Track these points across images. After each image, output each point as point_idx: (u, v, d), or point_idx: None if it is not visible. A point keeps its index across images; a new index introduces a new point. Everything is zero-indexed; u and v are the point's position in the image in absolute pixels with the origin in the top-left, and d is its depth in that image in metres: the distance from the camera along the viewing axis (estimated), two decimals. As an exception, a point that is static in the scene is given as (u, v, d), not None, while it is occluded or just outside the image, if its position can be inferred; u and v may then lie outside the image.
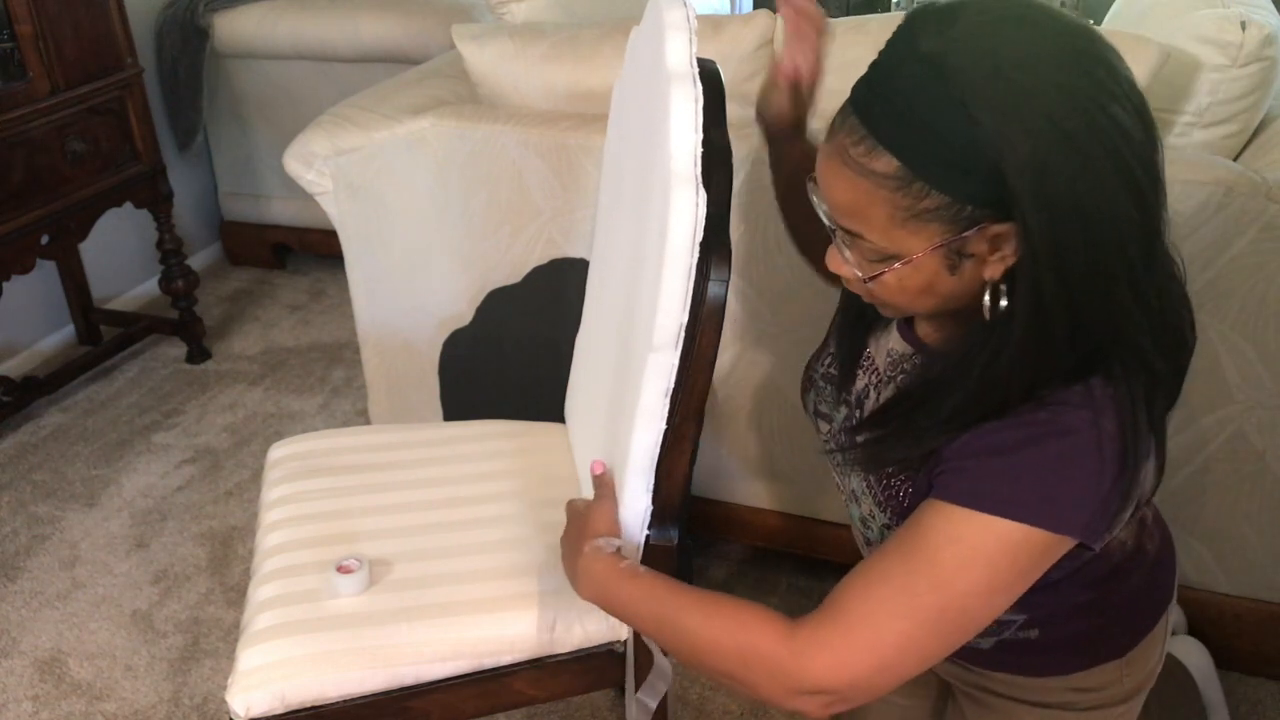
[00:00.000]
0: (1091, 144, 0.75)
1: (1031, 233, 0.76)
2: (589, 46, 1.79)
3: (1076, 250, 0.77)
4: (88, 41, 2.39)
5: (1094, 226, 0.76)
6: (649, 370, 1.03)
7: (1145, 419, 0.83)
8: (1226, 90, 1.52)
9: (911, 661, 0.84)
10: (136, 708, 1.77)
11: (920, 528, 0.84)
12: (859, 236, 0.84)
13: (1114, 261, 0.78)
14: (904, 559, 0.84)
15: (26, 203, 2.29)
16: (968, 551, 0.81)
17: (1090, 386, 0.81)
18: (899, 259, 0.83)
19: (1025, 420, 0.82)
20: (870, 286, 0.88)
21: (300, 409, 2.59)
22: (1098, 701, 1.09)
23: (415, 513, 1.37)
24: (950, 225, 0.80)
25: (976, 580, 0.82)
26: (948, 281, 0.84)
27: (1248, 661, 1.69)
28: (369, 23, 2.86)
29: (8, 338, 2.76)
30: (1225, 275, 1.44)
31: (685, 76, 0.99)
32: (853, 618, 0.84)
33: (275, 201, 3.22)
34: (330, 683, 1.17)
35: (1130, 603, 1.06)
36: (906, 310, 0.91)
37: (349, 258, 1.96)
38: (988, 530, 0.81)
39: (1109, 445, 0.80)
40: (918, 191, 0.78)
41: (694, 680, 1.77)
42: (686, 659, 0.93)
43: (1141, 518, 1.06)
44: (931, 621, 0.82)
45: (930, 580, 0.82)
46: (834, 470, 1.08)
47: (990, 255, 0.81)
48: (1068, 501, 0.81)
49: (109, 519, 2.22)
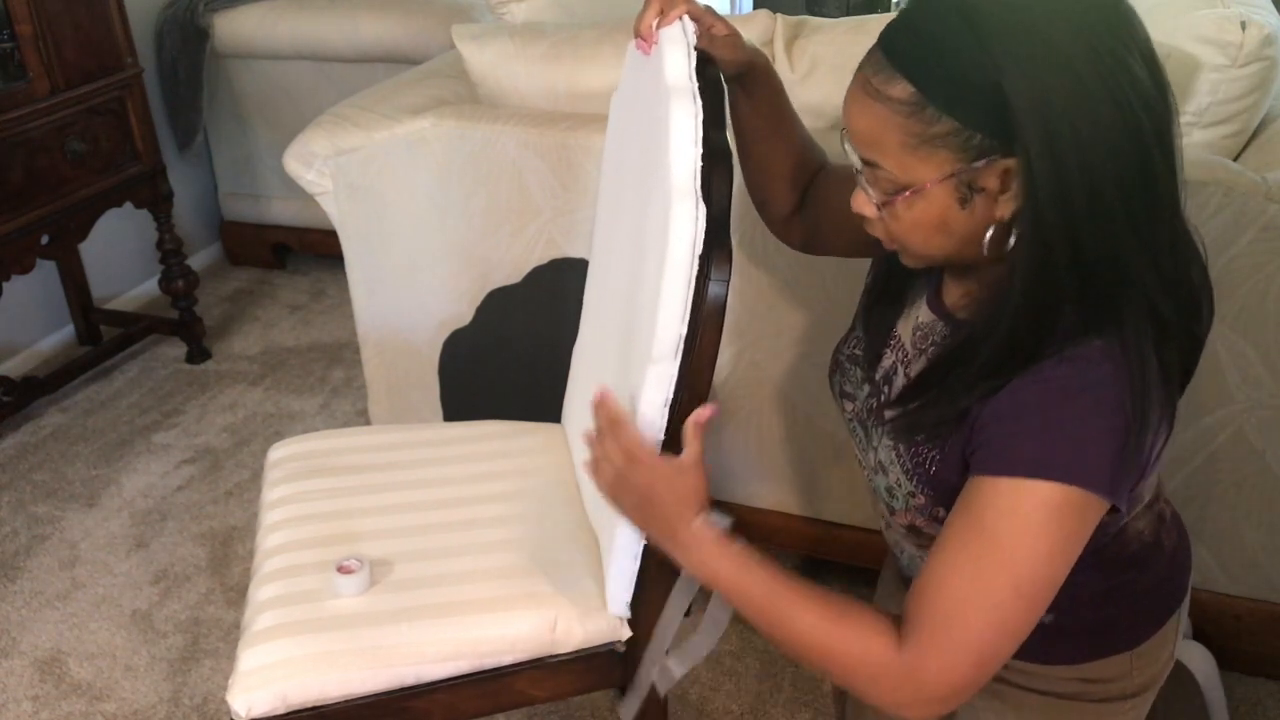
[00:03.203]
0: (1099, 87, 0.79)
1: (1033, 164, 0.80)
2: (589, 46, 1.79)
3: (1077, 188, 0.80)
4: (88, 41, 2.39)
5: (1095, 166, 0.79)
6: (648, 382, 1.04)
7: (1157, 372, 0.85)
8: (1226, 90, 1.52)
9: (1007, 644, 0.87)
10: (136, 708, 1.77)
11: (969, 509, 0.87)
12: (877, 167, 0.88)
13: (1115, 204, 0.81)
14: (964, 545, 0.86)
15: (26, 203, 2.29)
16: (1020, 522, 0.84)
17: (1108, 340, 0.84)
18: (915, 190, 0.86)
19: (1048, 376, 0.84)
20: (888, 222, 0.91)
21: (300, 409, 2.59)
22: (1105, 694, 1.10)
23: (416, 513, 1.37)
24: (960, 154, 0.83)
25: (1035, 549, 0.84)
26: (960, 217, 0.87)
27: (1248, 661, 1.69)
28: (369, 23, 2.87)
29: (8, 338, 2.76)
30: (1225, 275, 1.44)
31: (685, 91, 0.99)
32: (941, 620, 0.86)
33: (275, 201, 3.22)
34: (331, 683, 1.17)
35: (1144, 596, 1.08)
36: (924, 253, 0.93)
37: (349, 258, 1.96)
38: (1031, 495, 0.83)
39: (1128, 399, 0.83)
40: (929, 117, 0.82)
41: (694, 680, 1.77)
42: (787, 649, 0.94)
43: (1160, 512, 1.08)
44: (1010, 601, 0.85)
45: (996, 561, 0.84)
46: (856, 446, 1.10)
47: (1000, 194, 0.84)
48: (1093, 457, 0.83)
49: (109, 519, 2.22)
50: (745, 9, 4.40)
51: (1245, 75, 1.51)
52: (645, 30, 1.09)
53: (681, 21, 1.06)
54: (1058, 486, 0.83)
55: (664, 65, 1.02)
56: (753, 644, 1.84)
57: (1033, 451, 0.84)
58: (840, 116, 0.91)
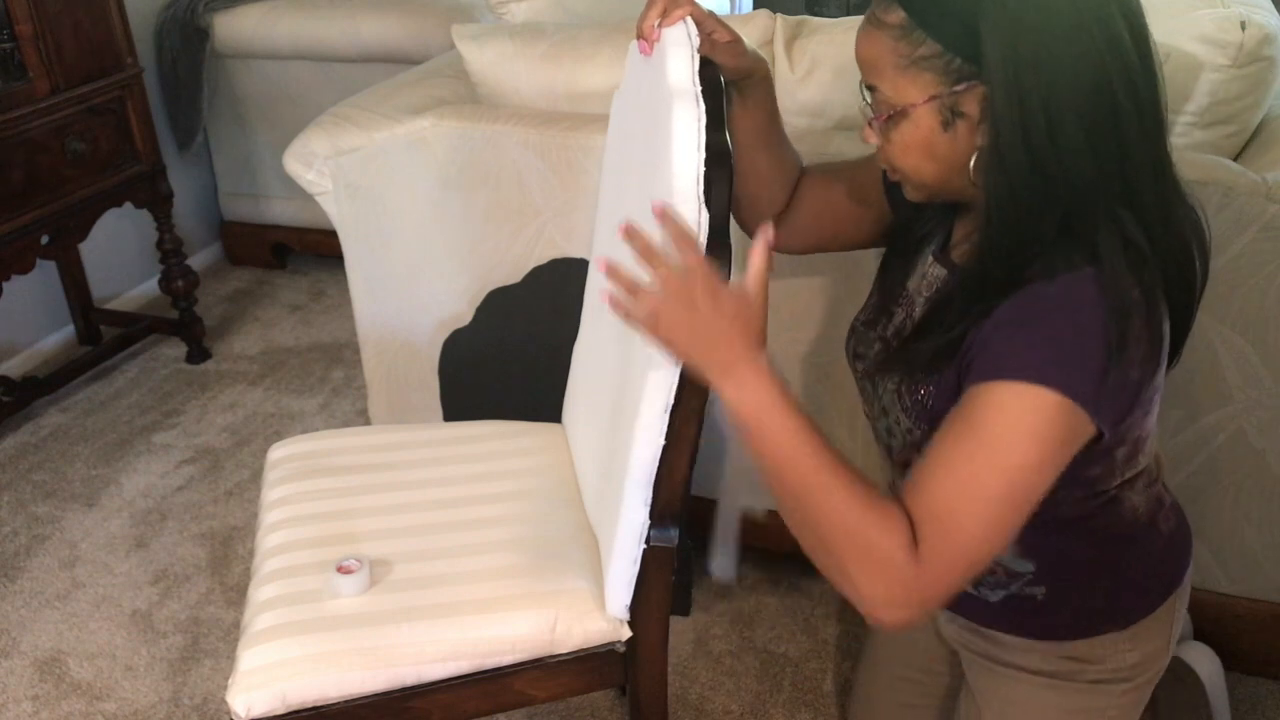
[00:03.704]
0: (1071, 26, 0.86)
1: (994, 89, 0.88)
2: (589, 46, 1.79)
3: (1037, 115, 0.87)
4: (88, 41, 2.39)
5: (1055, 98, 0.87)
6: (649, 386, 1.04)
7: (1140, 305, 0.89)
8: (1226, 90, 1.52)
9: (994, 545, 0.90)
10: (136, 708, 1.77)
11: (963, 413, 0.90)
12: (876, 90, 0.97)
13: (1076, 136, 0.88)
14: (957, 443, 0.89)
15: (26, 203, 2.29)
16: (1011, 422, 0.87)
17: (1094, 267, 0.89)
18: (903, 112, 0.94)
19: (1036, 293, 0.89)
20: (885, 148, 0.99)
21: (300, 409, 2.59)
22: (1099, 676, 1.12)
23: (416, 513, 1.38)
24: (942, 76, 0.92)
25: (1027, 452, 0.87)
26: (943, 141, 0.94)
27: (1248, 661, 1.69)
28: (369, 23, 2.87)
29: (8, 338, 2.76)
30: (1225, 275, 1.44)
31: (687, 94, 0.99)
32: (944, 521, 0.89)
33: (275, 201, 3.22)
34: (331, 683, 1.17)
35: (1136, 575, 1.10)
36: (917, 179, 0.99)
37: (349, 258, 1.96)
38: (1021, 398, 0.87)
39: (1111, 323, 0.88)
40: (916, 39, 0.92)
41: (694, 680, 1.77)
42: (800, 517, 0.93)
43: (1159, 496, 1.12)
44: (1000, 498, 0.88)
45: (987, 460, 0.88)
46: (865, 403, 1.13)
47: (980, 122, 0.92)
48: (1078, 370, 0.87)
49: (109, 519, 2.22)
50: (745, 9, 4.40)
51: (1245, 75, 1.51)
52: (647, 30, 1.09)
53: (685, 23, 1.06)
54: (1045, 391, 0.86)
55: (667, 67, 1.02)
56: (753, 644, 1.84)
57: (1022, 359, 0.88)
58: (842, 116, 0.93)
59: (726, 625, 1.88)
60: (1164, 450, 1.55)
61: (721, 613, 1.91)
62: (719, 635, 1.86)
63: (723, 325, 0.91)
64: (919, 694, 1.36)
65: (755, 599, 1.94)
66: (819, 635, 1.85)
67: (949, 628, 1.23)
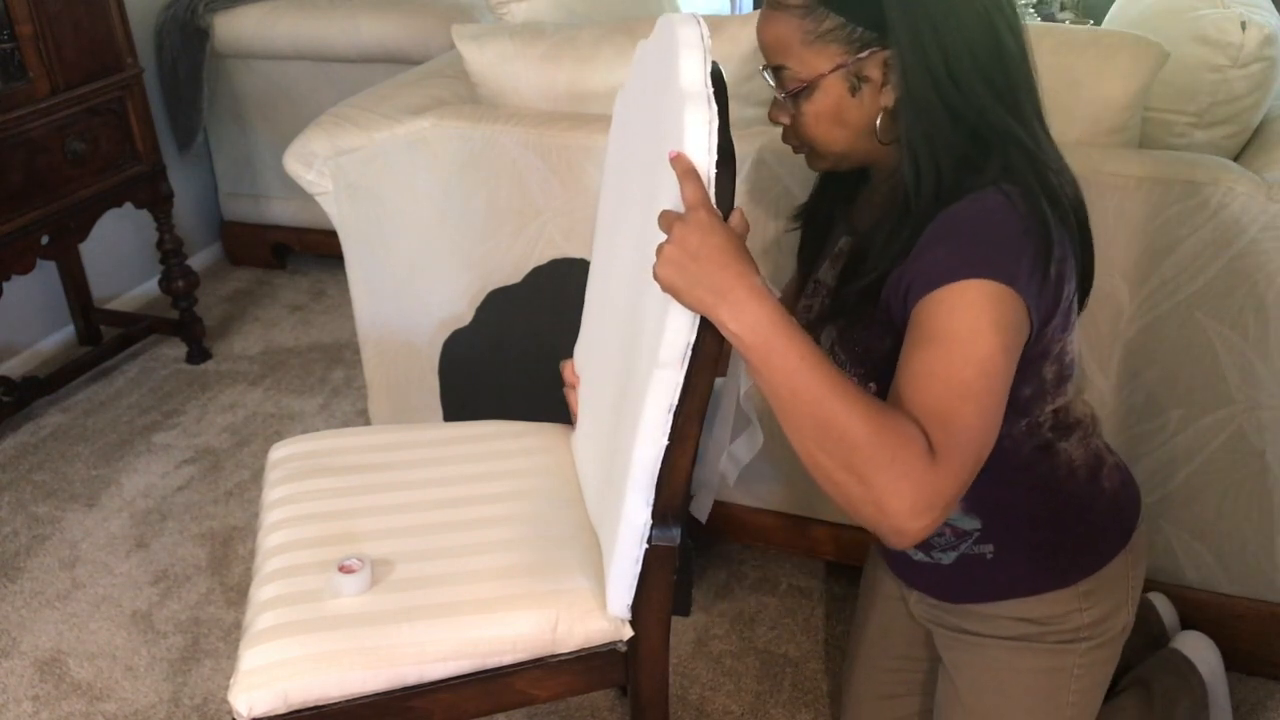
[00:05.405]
0: None
1: (901, 48, 0.99)
2: (589, 47, 1.79)
3: (938, 63, 0.99)
4: (88, 42, 2.39)
5: (951, 46, 0.98)
6: (653, 386, 1.04)
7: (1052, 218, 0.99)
8: (1226, 90, 1.52)
9: (989, 436, 0.95)
10: (136, 708, 1.77)
11: (918, 329, 0.97)
12: (783, 69, 1.06)
13: (972, 74, 1.00)
14: (927, 351, 0.95)
15: (26, 203, 2.29)
16: (967, 318, 0.94)
17: (999, 182, 0.98)
18: (813, 83, 1.04)
19: (955, 212, 0.98)
20: (796, 122, 1.08)
21: (300, 409, 2.59)
22: (1061, 637, 1.18)
23: (416, 513, 1.38)
24: (846, 46, 1.02)
25: (990, 339, 0.94)
26: (852, 106, 1.05)
27: (1248, 661, 1.69)
28: (369, 23, 2.87)
29: (8, 338, 2.76)
30: (1225, 275, 1.44)
31: (700, 97, 0.98)
32: (945, 420, 0.92)
33: (275, 201, 3.22)
34: (333, 682, 1.17)
35: (1082, 531, 1.17)
36: (827, 147, 1.09)
37: (349, 258, 1.96)
38: (964, 293, 0.94)
39: (1025, 214, 0.97)
40: (820, 15, 1.02)
41: (694, 680, 1.77)
42: (818, 444, 0.94)
43: (1096, 450, 1.18)
44: (985, 391, 0.94)
45: (962, 356, 0.93)
46: None
47: (883, 85, 1.03)
48: (1004, 255, 0.96)
49: (109, 519, 2.22)
50: (745, 9, 4.40)
51: (1245, 75, 1.51)
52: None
53: (698, 24, 1.05)
54: (982, 283, 0.94)
55: (679, 68, 1.01)
56: (753, 644, 1.84)
57: (952, 263, 0.95)
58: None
59: (727, 625, 1.88)
60: (1101, 412, 1.55)
61: (722, 613, 1.91)
62: (719, 635, 1.86)
63: (717, 250, 0.95)
64: (901, 683, 1.41)
65: (755, 599, 1.94)
66: (819, 635, 1.86)
67: (919, 607, 1.30)
